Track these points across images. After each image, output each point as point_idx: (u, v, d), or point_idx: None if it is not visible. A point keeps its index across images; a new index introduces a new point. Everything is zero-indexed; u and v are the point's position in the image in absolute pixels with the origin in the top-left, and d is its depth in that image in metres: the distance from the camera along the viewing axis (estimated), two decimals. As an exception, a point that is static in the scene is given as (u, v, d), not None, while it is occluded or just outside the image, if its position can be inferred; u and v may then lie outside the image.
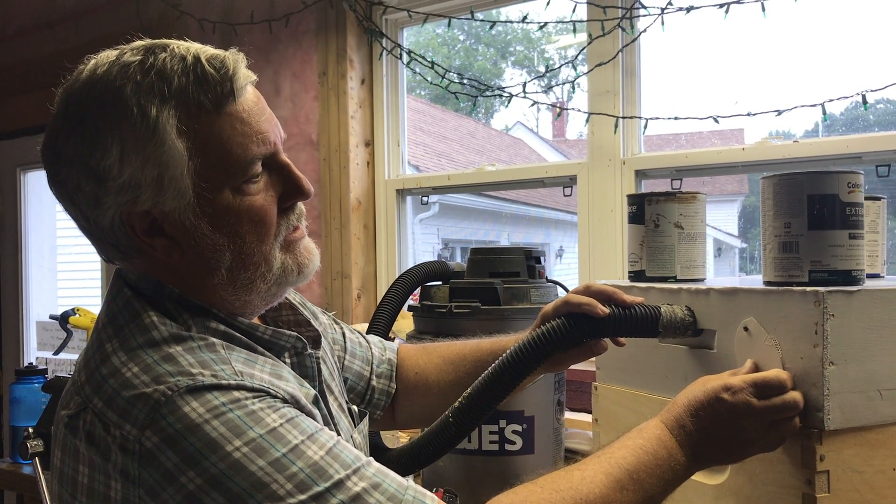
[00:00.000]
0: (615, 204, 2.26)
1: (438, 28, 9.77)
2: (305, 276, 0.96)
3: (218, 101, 0.86)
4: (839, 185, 0.99)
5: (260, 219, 0.89)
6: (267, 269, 0.91)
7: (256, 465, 0.75)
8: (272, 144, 0.90)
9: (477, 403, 1.04)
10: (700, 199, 1.27)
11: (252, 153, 0.87)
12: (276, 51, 2.86)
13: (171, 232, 0.87)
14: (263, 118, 0.90)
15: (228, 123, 0.86)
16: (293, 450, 0.77)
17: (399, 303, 1.69)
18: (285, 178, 0.93)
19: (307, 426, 0.81)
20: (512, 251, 1.67)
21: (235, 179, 0.87)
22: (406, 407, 1.26)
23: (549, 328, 1.04)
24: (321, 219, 2.78)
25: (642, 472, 0.89)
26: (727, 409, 0.93)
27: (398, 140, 2.82)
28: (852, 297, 0.95)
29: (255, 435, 0.77)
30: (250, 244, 0.89)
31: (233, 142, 0.86)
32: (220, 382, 0.79)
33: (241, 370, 0.83)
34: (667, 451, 0.92)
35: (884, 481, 0.97)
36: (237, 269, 0.90)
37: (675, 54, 3.15)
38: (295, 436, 0.79)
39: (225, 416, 0.77)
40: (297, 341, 0.97)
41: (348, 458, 0.80)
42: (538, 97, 2.38)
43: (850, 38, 5.25)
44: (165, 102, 0.84)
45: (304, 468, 0.76)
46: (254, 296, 0.93)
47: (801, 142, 1.99)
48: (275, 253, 0.92)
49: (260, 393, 0.81)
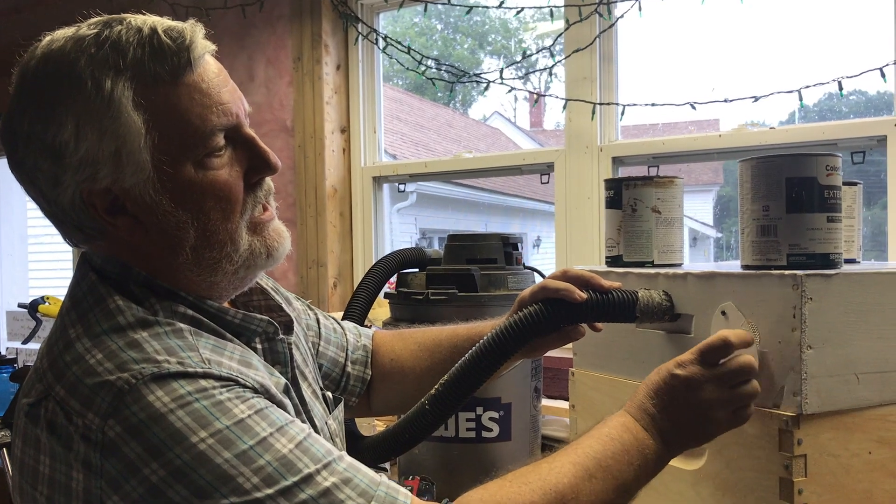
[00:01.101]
0: (592, 191, 2.26)
1: (415, 17, 9.71)
2: (275, 259, 0.93)
3: (175, 71, 0.83)
4: (817, 168, 0.99)
5: (224, 194, 0.86)
6: (233, 250, 0.89)
7: (222, 457, 0.73)
8: (234, 116, 0.88)
9: (453, 390, 1.02)
10: (677, 183, 1.26)
11: (212, 124, 0.85)
12: (250, 36, 2.82)
13: (133, 210, 0.85)
14: (225, 89, 0.87)
15: (186, 94, 0.84)
16: (261, 442, 0.75)
17: (375, 290, 1.67)
18: (250, 151, 0.90)
19: (276, 418, 0.78)
20: (489, 238, 1.66)
21: (196, 152, 0.84)
22: (381, 394, 1.24)
23: (526, 314, 1.03)
24: (296, 206, 2.75)
25: (610, 459, 0.87)
26: (682, 384, 0.92)
27: (374, 127, 2.79)
28: (830, 280, 0.95)
29: (222, 426, 0.74)
30: (215, 221, 0.86)
31: (191, 113, 0.84)
32: (187, 370, 0.77)
33: (208, 357, 0.80)
34: (633, 436, 0.90)
35: (860, 465, 0.97)
36: (202, 248, 0.87)
37: (652, 41, 3.14)
38: (263, 428, 0.76)
39: (191, 406, 0.74)
40: (269, 326, 0.94)
41: (319, 451, 0.78)
42: (515, 84, 2.36)
43: (825, 26, 5.27)
44: (120, 74, 0.81)
45: (271, 461, 0.74)
46: (220, 277, 0.90)
47: (777, 128, 1.99)
48: (241, 233, 0.89)
49: (228, 382, 0.78)
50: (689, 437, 0.94)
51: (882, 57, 1.79)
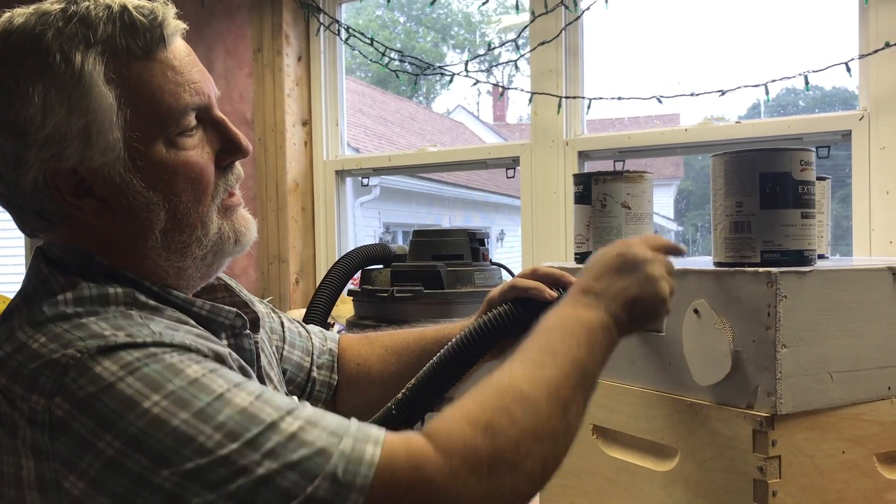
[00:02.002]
0: (558, 185, 2.24)
1: (378, 10, 9.65)
2: (242, 245, 0.91)
3: (147, 47, 0.80)
4: (792, 163, 0.97)
5: (196, 175, 0.84)
6: (203, 234, 0.86)
7: (179, 418, 0.68)
8: (206, 96, 0.85)
9: (421, 394, 0.99)
10: (647, 178, 1.24)
11: (185, 102, 0.82)
12: (209, 26, 2.74)
13: (100, 192, 0.81)
14: (196, 69, 0.85)
15: (160, 70, 0.81)
16: (219, 398, 0.70)
17: (338, 287, 1.63)
18: (221, 133, 0.88)
19: (233, 376, 0.74)
20: (455, 233, 1.63)
21: (168, 130, 0.81)
22: (348, 400, 1.20)
23: (495, 314, 1.00)
24: (257, 200, 2.69)
25: (555, 343, 0.82)
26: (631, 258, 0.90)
27: (337, 119, 2.74)
28: (805, 278, 0.93)
29: (175, 387, 0.70)
30: (186, 203, 0.83)
31: (164, 90, 0.81)
32: (136, 340, 0.73)
33: (159, 330, 0.76)
34: (573, 318, 0.86)
35: (833, 465, 0.96)
36: (172, 231, 0.84)
37: (618, 35, 3.14)
38: (220, 384, 0.71)
39: (140, 372, 0.70)
40: (237, 318, 0.91)
41: (282, 401, 0.73)
42: (479, 77, 2.33)
43: (787, 21, 5.35)
44: (91, 48, 0.78)
45: (232, 415, 0.69)
46: (188, 262, 0.87)
47: (743, 123, 1.99)
48: (212, 216, 0.86)
49: (180, 348, 0.74)
50: (634, 309, 0.89)
51: (844, 52, 1.80)
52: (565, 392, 0.79)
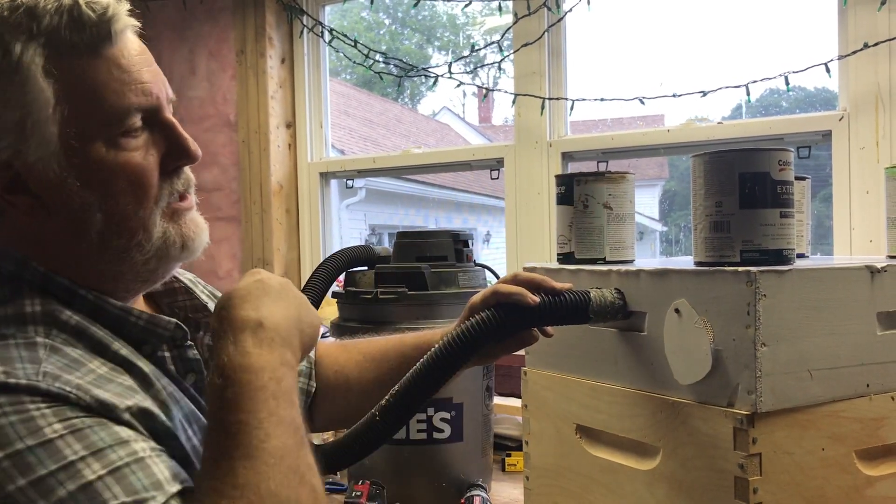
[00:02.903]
0: (542, 186, 2.24)
1: (363, 11, 9.64)
2: (190, 251, 0.88)
3: (93, 43, 0.78)
4: (770, 163, 0.98)
5: (137, 178, 0.81)
6: (145, 238, 0.83)
7: (15, 484, 0.64)
8: (154, 98, 0.83)
9: (405, 401, 0.99)
10: (629, 179, 1.24)
11: (129, 102, 0.80)
12: (192, 28, 2.73)
13: (35, 188, 0.79)
14: (147, 69, 0.83)
15: (104, 68, 0.79)
16: (65, 468, 0.65)
17: (322, 289, 1.63)
18: (169, 137, 0.85)
19: (98, 438, 0.68)
20: (439, 235, 1.63)
21: (110, 130, 0.79)
22: (325, 408, 1.18)
23: (478, 320, 1.00)
24: (241, 203, 2.68)
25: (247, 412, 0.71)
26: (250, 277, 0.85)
27: (321, 121, 2.74)
28: (784, 276, 0.94)
29: (23, 447, 0.65)
30: (125, 206, 0.81)
31: (108, 88, 0.79)
32: (8, 381, 0.68)
33: (47, 371, 0.71)
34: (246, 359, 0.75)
35: (813, 462, 0.97)
36: (109, 235, 0.82)
37: (600, 36, 3.16)
38: (74, 451, 0.66)
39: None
40: (177, 330, 0.87)
41: (139, 482, 0.67)
42: (464, 78, 2.34)
43: (768, 22, 5.39)
44: (32, 40, 0.76)
45: (72, 491, 0.64)
46: (127, 268, 0.84)
47: (725, 123, 2.00)
48: (155, 220, 0.84)
49: (55, 399, 0.69)
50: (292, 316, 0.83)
51: (825, 52, 1.81)
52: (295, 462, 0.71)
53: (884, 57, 1.75)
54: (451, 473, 1.51)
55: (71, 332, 0.78)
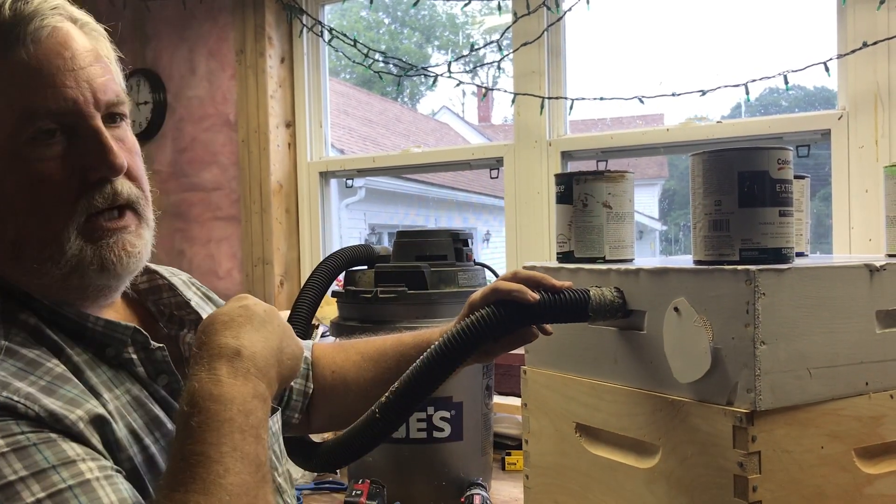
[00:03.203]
0: (542, 185, 2.24)
1: (363, 11, 9.64)
2: (110, 274, 0.81)
3: (3, 45, 0.75)
4: (769, 162, 0.98)
5: (45, 190, 0.77)
6: (58, 252, 0.78)
7: None
8: (71, 102, 0.77)
9: (405, 397, 0.99)
10: (628, 178, 1.24)
11: (35, 105, 0.76)
12: (191, 28, 2.73)
13: None
14: (69, 72, 0.77)
15: (8, 72, 0.75)
16: (2, 488, 0.63)
17: (322, 288, 1.63)
18: (91, 147, 0.78)
19: (42, 458, 0.65)
20: (439, 234, 1.63)
21: (14, 137, 0.75)
22: (323, 409, 1.18)
23: (478, 317, 1.00)
24: (240, 203, 2.68)
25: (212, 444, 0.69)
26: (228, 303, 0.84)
27: (321, 121, 2.74)
28: (783, 275, 0.94)
29: None
30: (31, 217, 0.77)
31: (13, 92, 0.75)
32: None
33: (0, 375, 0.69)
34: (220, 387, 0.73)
35: (812, 460, 0.97)
36: (22, 245, 0.78)
37: (599, 35, 3.16)
38: (15, 470, 0.64)
39: None
40: (136, 334, 0.83)
41: None
42: (463, 78, 2.34)
43: (768, 21, 5.39)
44: None
45: None
46: (48, 280, 0.79)
47: (724, 122, 2.00)
48: (68, 235, 0.78)
49: (1, 410, 0.67)
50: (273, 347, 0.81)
51: (824, 51, 1.81)
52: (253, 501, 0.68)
53: (883, 56, 1.75)
54: (450, 472, 1.52)
55: (30, 332, 0.76)
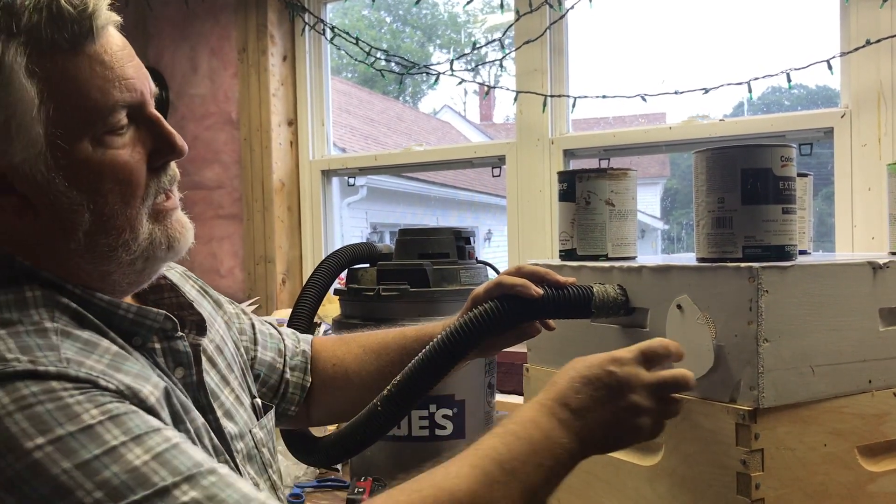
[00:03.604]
0: (544, 184, 2.24)
1: (364, 10, 9.63)
2: (176, 251, 0.87)
3: (75, 40, 0.76)
4: (772, 159, 0.98)
5: (125, 176, 0.80)
6: (132, 238, 0.82)
7: (60, 466, 0.64)
8: (139, 93, 0.81)
9: (407, 390, 0.99)
10: (631, 175, 1.24)
11: (114, 98, 0.78)
12: (193, 26, 2.74)
13: (21, 189, 0.78)
14: (130, 64, 0.81)
15: (87, 65, 0.77)
16: (109, 451, 0.66)
17: (324, 286, 1.63)
18: (155, 132, 0.83)
19: (135, 425, 0.69)
20: (441, 232, 1.63)
21: (95, 128, 0.78)
22: (323, 402, 1.18)
23: (481, 311, 1.00)
24: (242, 201, 2.68)
25: (515, 462, 0.78)
26: (616, 382, 0.85)
27: (323, 119, 2.74)
28: (786, 272, 0.94)
29: (64, 432, 0.66)
30: (113, 205, 0.80)
31: (91, 85, 0.77)
32: (37, 369, 0.69)
33: (69, 357, 0.72)
34: (543, 434, 0.81)
35: (815, 457, 0.97)
36: (97, 234, 0.80)
37: (602, 33, 3.16)
38: (115, 435, 0.68)
39: (32, 409, 0.66)
40: (166, 321, 0.86)
41: (182, 464, 0.69)
42: (465, 76, 2.33)
43: (771, 19, 5.38)
44: (13, 38, 0.74)
45: (119, 473, 0.65)
46: (114, 267, 0.83)
47: (726, 121, 2.00)
48: (142, 220, 0.83)
49: (84, 384, 0.70)
50: (607, 440, 0.86)
51: (827, 50, 1.81)
52: None
53: (886, 54, 1.75)
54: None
55: (72, 315, 0.78)
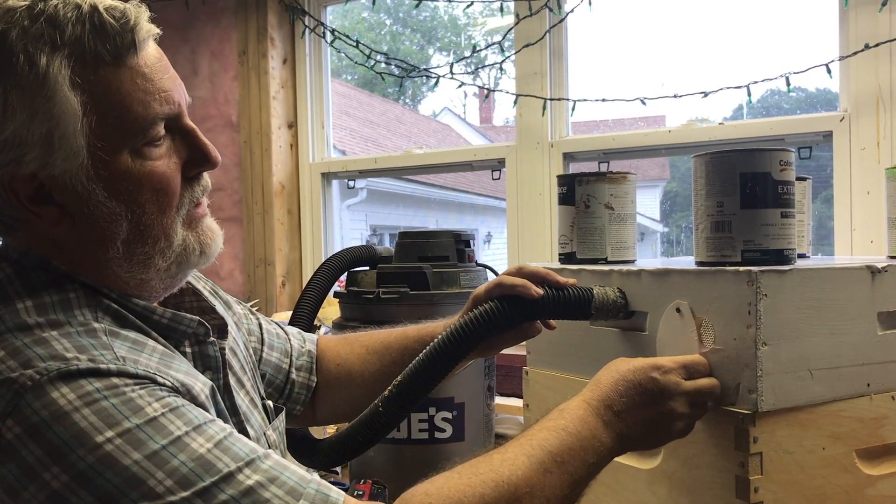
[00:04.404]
0: (543, 186, 2.25)
1: (364, 12, 9.65)
2: (208, 257, 0.89)
3: (117, 52, 0.77)
4: (771, 163, 0.98)
5: (162, 187, 0.82)
6: (167, 245, 0.84)
7: (131, 458, 0.66)
8: (176, 105, 0.83)
9: (408, 391, 0.99)
10: (630, 179, 1.25)
11: (154, 112, 0.80)
12: (194, 29, 2.74)
13: (60, 199, 0.79)
14: (167, 76, 0.82)
15: (129, 77, 0.78)
16: (175, 441, 0.69)
17: (324, 289, 1.63)
18: (190, 143, 0.85)
19: (194, 416, 0.72)
20: (441, 235, 1.63)
21: (135, 140, 0.79)
22: (328, 401, 1.19)
23: (482, 311, 1.00)
24: (242, 203, 2.69)
25: (566, 455, 0.84)
26: (657, 389, 0.91)
27: (323, 122, 2.74)
28: (784, 276, 0.94)
29: (131, 425, 0.68)
30: (150, 215, 0.81)
31: (133, 98, 0.78)
32: (99, 367, 0.71)
33: (123, 355, 0.74)
34: (590, 432, 0.87)
35: (814, 461, 0.97)
36: (134, 243, 0.82)
37: (601, 37, 3.17)
38: (178, 426, 0.70)
39: (98, 405, 0.68)
40: (199, 326, 0.88)
41: (241, 450, 0.71)
42: (465, 79, 2.34)
43: (770, 23, 5.40)
44: (57, 51, 0.75)
45: (186, 461, 0.68)
46: (152, 274, 0.84)
47: (726, 124, 2.01)
48: (176, 228, 0.84)
49: (143, 380, 0.72)
50: (643, 441, 0.92)
51: (826, 53, 1.82)
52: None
53: (885, 58, 1.75)
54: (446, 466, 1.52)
55: (114, 316, 0.80)
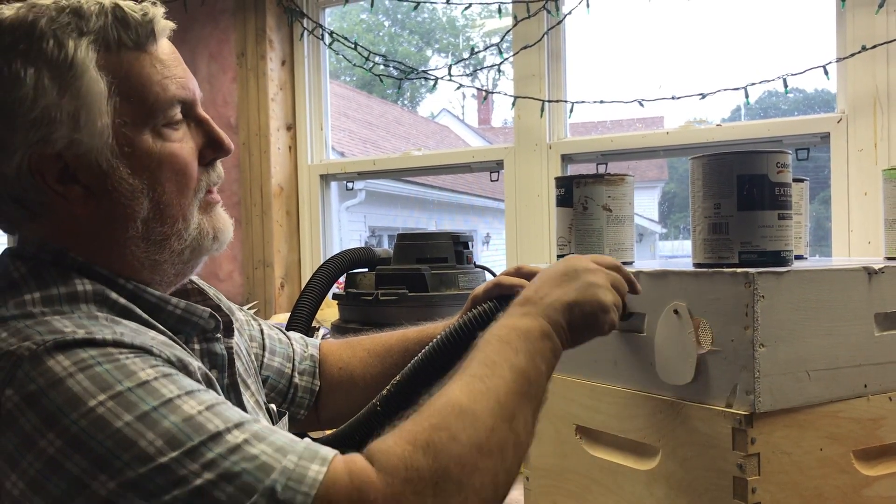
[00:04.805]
0: (542, 188, 2.25)
1: (363, 13, 9.66)
2: (221, 243, 0.92)
3: (138, 40, 0.83)
4: (768, 165, 0.98)
5: (181, 167, 0.86)
6: (184, 227, 0.87)
7: (122, 420, 0.66)
8: (191, 92, 0.88)
9: (405, 391, 0.99)
10: (628, 181, 1.25)
11: (172, 94, 0.85)
12: (192, 30, 2.74)
13: (84, 178, 0.82)
14: (181, 66, 0.88)
15: (149, 62, 0.84)
16: (166, 403, 0.69)
17: (323, 291, 1.64)
18: (205, 131, 0.90)
19: (188, 384, 0.72)
20: (439, 236, 1.63)
21: (156, 120, 0.84)
22: (331, 404, 1.19)
23: (480, 311, 1.00)
24: (241, 205, 2.69)
25: (494, 356, 0.82)
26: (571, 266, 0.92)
27: (321, 124, 2.74)
28: (782, 277, 0.94)
29: (123, 388, 0.68)
30: (170, 194, 0.85)
31: (153, 80, 0.84)
32: (94, 337, 0.72)
33: (124, 332, 0.75)
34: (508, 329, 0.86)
35: (811, 462, 0.97)
36: (154, 222, 0.85)
37: (599, 39, 3.17)
38: (170, 390, 0.70)
39: (91, 370, 0.69)
40: (211, 319, 0.90)
41: (233, 415, 0.71)
42: (463, 81, 2.34)
43: (768, 25, 5.41)
44: (83, 37, 0.81)
45: (177, 422, 0.68)
46: (166, 255, 0.87)
47: (723, 125, 2.01)
48: (193, 210, 0.88)
49: (139, 350, 0.73)
50: (567, 300, 0.89)
51: (823, 55, 1.82)
52: (508, 402, 0.77)
53: (882, 59, 1.76)
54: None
55: (119, 311, 0.81)
